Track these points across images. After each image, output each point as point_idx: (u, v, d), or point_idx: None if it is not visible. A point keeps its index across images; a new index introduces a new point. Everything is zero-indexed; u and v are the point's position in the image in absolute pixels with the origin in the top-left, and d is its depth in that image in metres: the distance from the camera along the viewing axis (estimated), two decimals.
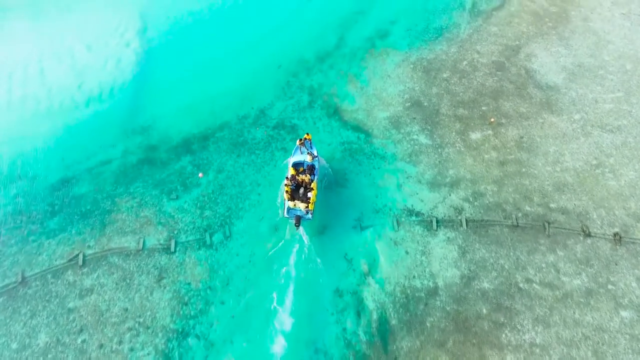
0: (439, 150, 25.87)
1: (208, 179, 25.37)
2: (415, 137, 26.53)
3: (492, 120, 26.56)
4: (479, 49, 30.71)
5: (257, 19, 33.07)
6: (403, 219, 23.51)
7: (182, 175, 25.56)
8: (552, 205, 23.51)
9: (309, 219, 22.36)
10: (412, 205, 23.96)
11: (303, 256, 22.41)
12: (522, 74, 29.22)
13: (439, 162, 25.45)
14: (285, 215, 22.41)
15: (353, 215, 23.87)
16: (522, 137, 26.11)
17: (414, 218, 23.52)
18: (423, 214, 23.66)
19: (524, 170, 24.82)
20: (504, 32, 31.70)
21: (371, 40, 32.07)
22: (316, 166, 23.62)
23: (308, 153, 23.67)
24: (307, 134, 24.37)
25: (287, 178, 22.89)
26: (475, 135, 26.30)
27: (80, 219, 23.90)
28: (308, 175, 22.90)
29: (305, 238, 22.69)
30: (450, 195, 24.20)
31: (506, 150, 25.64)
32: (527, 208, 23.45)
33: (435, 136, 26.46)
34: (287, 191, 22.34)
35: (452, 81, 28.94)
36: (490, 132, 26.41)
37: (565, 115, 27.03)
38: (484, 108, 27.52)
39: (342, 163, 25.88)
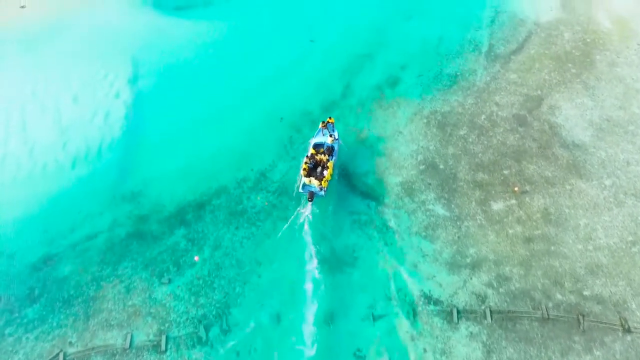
0: (458, 223, 23.50)
1: (203, 257, 23.05)
2: (430, 206, 24.15)
3: (516, 189, 24.19)
4: (498, 100, 28.28)
5: (257, 66, 30.60)
6: (420, 308, 21.17)
7: (175, 252, 23.23)
8: (585, 293, 21.15)
9: (322, 195, 23.64)
10: (429, 291, 21.61)
11: (310, 355, 20.11)
12: (546, 129, 26.81)
13: (458, 237, 23.09)
14: (301, 190, 23.86)
15: (364, 302, 21.56)
16: (549, 208, 23.72)
17: (432, 307, 21.18)
18: (442, 301, 21.32)
19: (552, 248, 22.44)
20: (525, 79, 29.26)
21: (380, 88, 29.65)
22: (335, 148, 25.04)
23: (330, 135, 24.79)
24: (330, 117, 25.71)
25: (306, 157, 24.41)
26: (497, 206, 23.92)
27: (63, 306, 21.60)
28: (326, 155, 24.31)
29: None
30: (471, 279, 21.85)
31: (532, 223, 23.26)
32: (558, 296, 21.09)
33: (453, 206, 24.08)
34: (304, 168, 23.71)
35: (470, 139, 26.53)
36: (514, 201, 24.02)
37: (595, 180, 24.63)
38: (505, 172, 25.12)
39: (350, 237, 23.54)
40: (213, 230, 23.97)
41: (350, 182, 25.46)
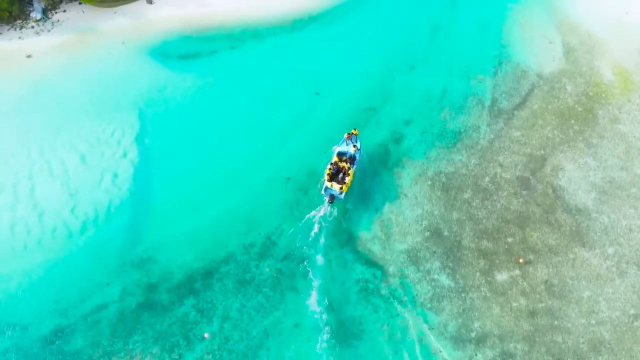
0: (463, 295, 23.90)
1: (213, 329, 23.50)
2: (436, 276, 24.54)
3: (520, 260, 24.57)
4: (502, 160, 28.59)
5: (263, 122, 30.79)
6: None
7: (184, 324, 23.65)
8: None
9: (340, 199, 26.40)
10: None
11: None
12: (549, 193, 27.15)
13: (463, 310, 23.50)
14: (322, 193, 26.50)
15: None
16: (552, 279, 24.13)
17: None
18: None
19: (556, 323, 22.87)
20: (528, 137, 29.55)
21: (384, 145, 29.91)
22: (357, 157, 27.76)
23: (353, 145, 27.69)
24: (354, 129, 28.37)
25: (331, 163, 27.10)
26: (501, 277, 24.32)
27: None
28: (348, 163, 27.03)
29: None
30: (476, 354, 22.28)
31: (536, 296, 23.67)
32: None
33: (457, 276, 24.47)
34: (328, 173, 26.45)
35: (474, 204, 26.87)
36: (517, 272, 24.42)
37: (597, 249, 25.01)
38: (509, 240, 25.49)
39: (357, 308, 23.98)
40: (222, 299, 24.39)
41: (355, 248, 25.83)
